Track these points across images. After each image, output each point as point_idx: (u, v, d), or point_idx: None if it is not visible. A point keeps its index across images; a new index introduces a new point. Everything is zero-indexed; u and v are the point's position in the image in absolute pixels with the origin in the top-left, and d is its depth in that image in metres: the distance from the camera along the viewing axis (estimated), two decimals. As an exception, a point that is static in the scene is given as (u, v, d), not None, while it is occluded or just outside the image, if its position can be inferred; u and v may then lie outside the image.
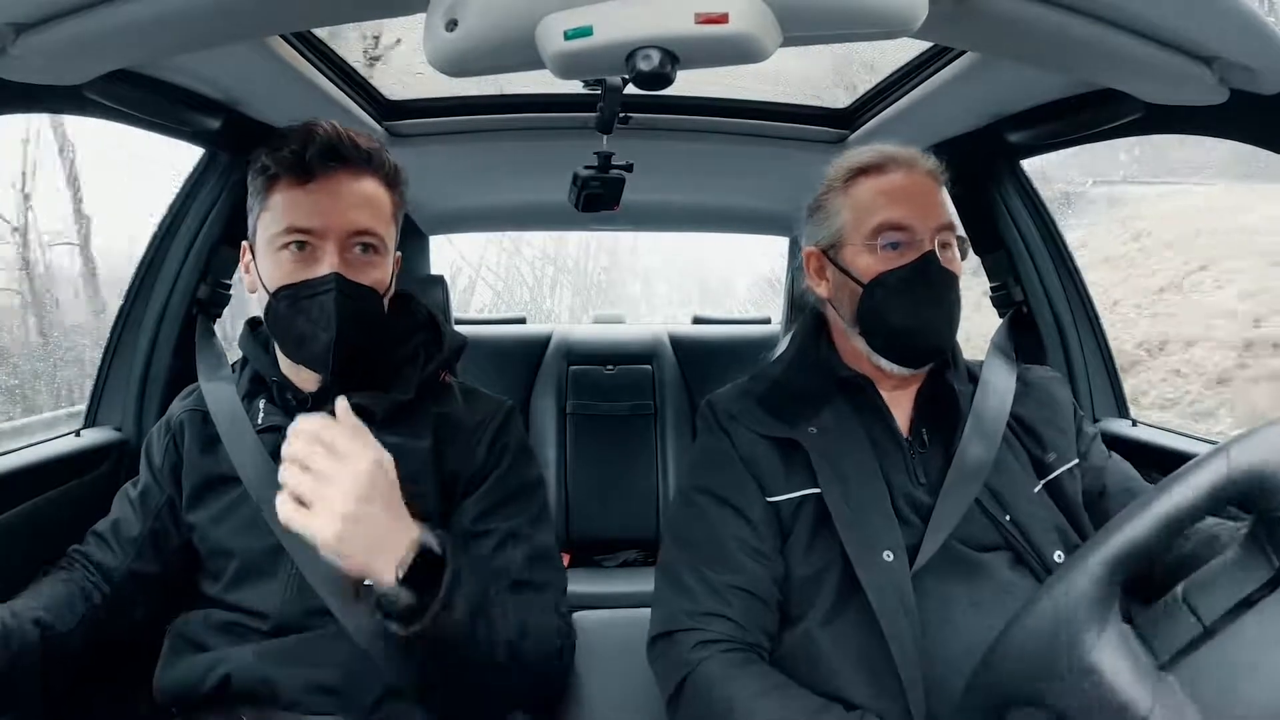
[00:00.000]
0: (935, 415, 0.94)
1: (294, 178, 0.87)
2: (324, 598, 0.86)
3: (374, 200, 0.90)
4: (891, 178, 0.92)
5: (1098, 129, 1.04)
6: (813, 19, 0.57)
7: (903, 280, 0.89)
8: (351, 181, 0.89)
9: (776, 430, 0.92)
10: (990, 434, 0.91)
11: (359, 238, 0.89)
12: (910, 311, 0.89)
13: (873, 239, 0.90)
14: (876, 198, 0.92)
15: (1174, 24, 0.69)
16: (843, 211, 0.94)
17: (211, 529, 0.94)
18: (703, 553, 0.90)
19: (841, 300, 0.95)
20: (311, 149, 0.86)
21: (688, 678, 0.84)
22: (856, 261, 0.92)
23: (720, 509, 0.91)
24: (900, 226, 0.90)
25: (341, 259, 0.87)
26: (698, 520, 0.92)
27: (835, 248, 0.95)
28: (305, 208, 0.87)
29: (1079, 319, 1.42)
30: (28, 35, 0.68)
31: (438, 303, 1.33)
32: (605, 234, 6.72)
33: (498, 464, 0.95)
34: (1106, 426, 1.39)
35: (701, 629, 0.86)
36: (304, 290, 0.87)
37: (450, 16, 0.57)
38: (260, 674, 0.86)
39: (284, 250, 0.88)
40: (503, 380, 2.07)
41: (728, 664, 0.83)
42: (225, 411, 0.96)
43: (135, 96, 0.94)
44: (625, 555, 2.02)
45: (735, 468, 0.92)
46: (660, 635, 0.90)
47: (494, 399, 1.02)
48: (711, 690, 0.82)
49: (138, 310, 1.32)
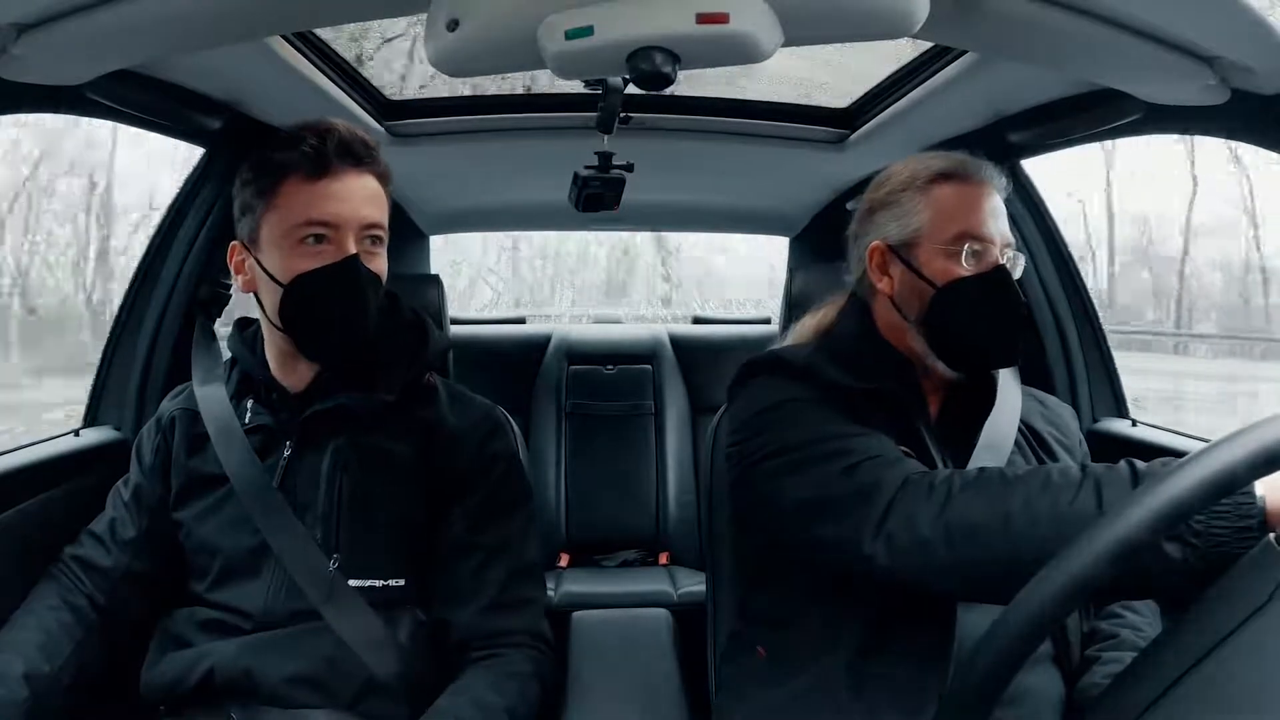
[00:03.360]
0: (962, 407, 0.95)
1: (308, 174, 0.89)
2: (309, 596, 0.87)
3: (377, 196, 0.94)
4: (976, 189, 0.93)
5: (1098, 129, 1.05)
6: (813, 19, 0.57)
7: (979, 289, 0.90)
8: (359, 177, 0.91)
9: (859, 383, 0.88)
10: (1003, 436, 0.92)
11: (370, 230, 0.92)
12: (984, 320, 0.90)
13: (956, 245, 0.91)
14: (961, 205, 0.92)
15: (1174, 24, 0.69)
16: (923, 212, 0.93)
17: (197, 527, 0.94)
18: (837, 432, 0.82)
19: (908, 299, 0.94)
20: (329, 145, 0.89)
21: (943, 506, 0.72)
22: (932, 263, 0.92)
23: (823, 409, 0.86)
24: (984, 239, 0.91)
25: (359, 249, 0.90)
26: (807, 419, 0.86)
27: (909, 246, 0.94)
28: (324, 200, 0.89)
29: (1079, 320, 1.42)
30: (29, 35, 0.69)
31: (433, 302, 1.32)
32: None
33: (484, 475, 0.95)
34: (1106, 426, 1.39)
35: (893, 467, 0.78)
36: (328, 273, 0.89)
37: (451, 16, 0.57)
38: (243, 667, 0.87)
39: (302, 243, 0.89)
40: (503, 380, 2.07)
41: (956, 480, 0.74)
42: (216, 412, 0.96)
43: (136, 96, 0.94)
44: (625, 555, 2.02)
45: (826, 410, 0.87)
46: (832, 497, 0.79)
47: (483, 405, 1.02)
48: (973, 502, 0.71)
49: (137, 310, 1.32)
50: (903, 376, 0.93)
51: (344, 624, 0.87)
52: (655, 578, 1.88)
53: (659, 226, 2.51)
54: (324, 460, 0.92)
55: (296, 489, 0.92)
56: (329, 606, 0.87)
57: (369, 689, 0.87)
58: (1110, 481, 0.67)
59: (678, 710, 1.15)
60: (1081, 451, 1.00)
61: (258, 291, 0.94)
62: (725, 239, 4.37)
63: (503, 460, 0.97)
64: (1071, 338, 1.42)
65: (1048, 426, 0.98)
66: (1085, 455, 1.00)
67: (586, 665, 1.29)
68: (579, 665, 1.27)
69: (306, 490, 0.92)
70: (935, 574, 0.73)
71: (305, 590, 0.87)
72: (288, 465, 0.93)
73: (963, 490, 0.73)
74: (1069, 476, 0.69)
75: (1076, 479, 0.68)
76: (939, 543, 0.71)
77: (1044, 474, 0.70)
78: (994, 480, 0.72)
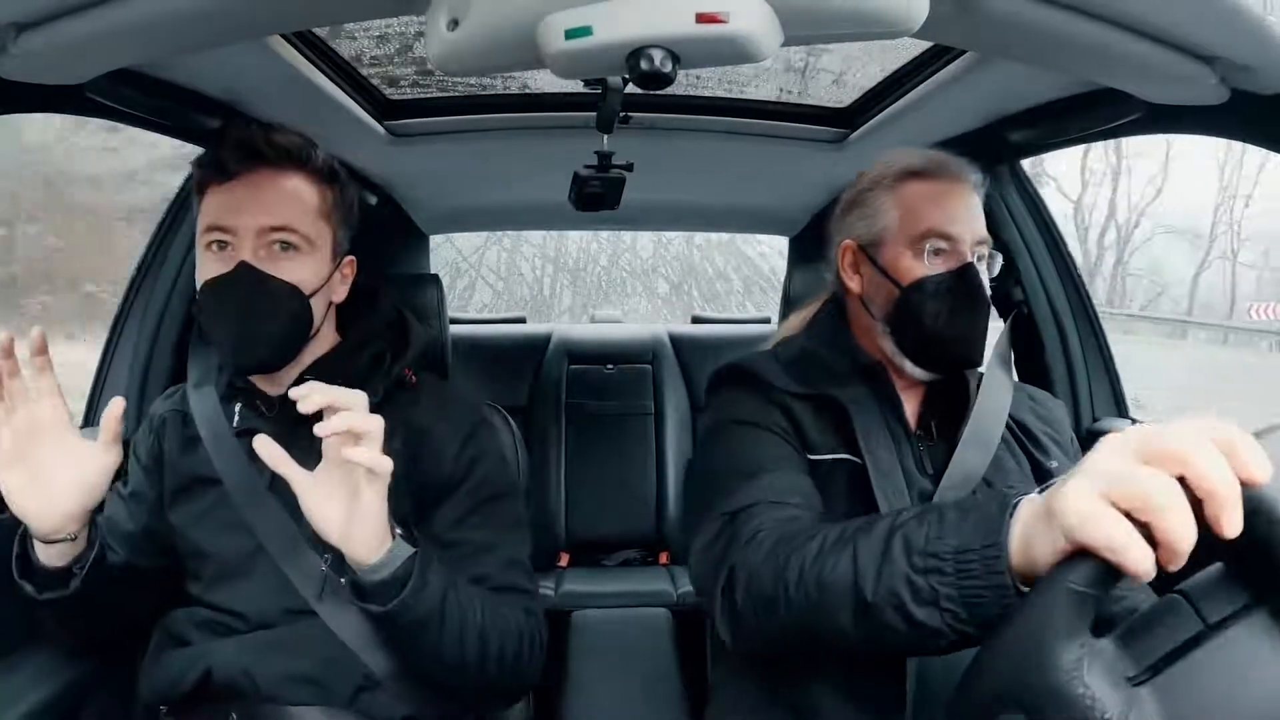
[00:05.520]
0: (943, 410, 0.95)
1: (216, 179, 0.89)
2: (303, 594, 0.87)
3: (297, 196, 0.90)
4: (943, 185, 0.92)
5: (1098, 129, 1.05)
6: (813, 19, 0.57)
7: (942, 287, 0.89)
8: (271, 178, 0.89)
9: (811, 389, 0.90)
10: (988, 432, 0.91)
11: (275, 234, 0.89)
12: (946, 318, 0.89)
13: (919, 243, 0.90)
14: (927, 203, 0.91)
15: (1174, 24, 0.69)
16: (890, 211, 0.93)
17: (190, 530, 0.94)
18: (747, 466, 0.84)
19: (874, 298, 0.95)
20: (226, 149, 0.88)
21: (738, 563, 0.75)
22: (898, 263, 0.92)
23: (761, 432, 0.88)
24: (948, 236, 0.90)
25: (255, 255, 0.88)
26: (735, 444, 0.88)
27: (876, 245, 0.94)
28: (223, 206, 0.88)
29: (1079, 319, 1.42)
30: (28, 34, 0.69)
31: (432, 302, 1.32)
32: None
33: (468, 474, 0.95)
34: (1106, 426, 1.39)
35: (756, 517, 0.78)
36: (217, 283, 0.87)
37: (452, 16, 0.57)
38: (241, 666, 0.87)
39: (207, 250, 0.89)
40: (503, 380, 2.07)
41: (788, 532, 0.74)
42: (207, 415, 0.96)
43: (135, 96, 0.94)
44: (625, 554, 2.03)
45: (772, 411, 0.90)
46: (706, 543, 0.82)
47: (466, 405, 1.01)
48: (773, 559, 0.72)
49: (136, 310, 1.32)
50: (871, 378, 0.93)
51: (338, 622, 0.87)
52: (655, 577, 1.89)
53: (658, 226, 2.51)
54: (311, 461, 0.92)
55: (286, 490, 0.92)
56: (323, 605, 0.87)
57: (365, 686, 0.87)
58: (866, 545, 0.64)
59: (677, 709, 1.15)
60: (1074, 448, 1.00)
61: None
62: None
63: (485, 458, 0.97)
64: (1071, 337, 1.42)
65: (1038, 422, 0.98)
66: (1077, 451, 1.00)
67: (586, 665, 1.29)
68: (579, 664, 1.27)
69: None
70: (748, 638, 0.75)
71: (299, 588, 0.88)
72: None
73: (780, 557, 0.71)
74: (841, 538, 0.67)
75: (849, 540, 0.66)
76: (747, 613, 0.73)
77: (845, 535, 0.68)
78: (830, 539, 0.69)
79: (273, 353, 0.90)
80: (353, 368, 0.95)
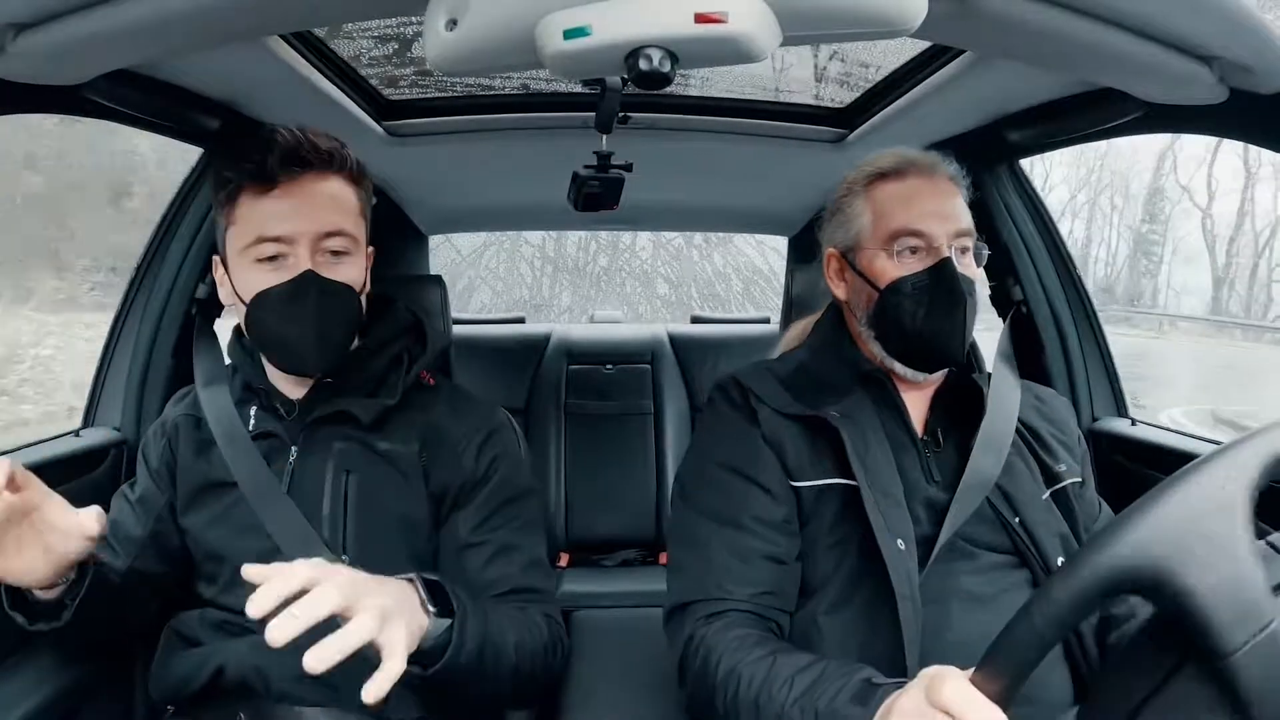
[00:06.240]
0: (951, 415, 0.94)
1: (258, 186, 0.87)
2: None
3: (340, 199, 0.90)
4: (911, 183, 0.92)
5: (1098, 129, 1.05)
6: (812, 19, 0.57)
7: (918, 286, 0.89)
8: (316, 183, 0.88)
9: (803, 410, 0.91)
10: (1001, 436, 0.91)
11: (330, 239, 0.89)
12: (923, 318, 0.89)
13: (890, 244, 0.90)
14: (895, 203, 0.91)
15: (1174, 24, 0.69)
16: (862, 215, 0.94)
17: (206, 533, 0.94)
18: (726, 521, 0.88)
19: (858, 304, 0.95)
20: (272, 156, 0.86)
21: (695, 647, 0.82)
22: (873, 266, 0.92)
23: (744, 484, 0.89)
24: (917, 233, 0.90)
25: (314, 261, 0.87)
26: (719, 492, 0.90)
27: (853, 250, 0.94)
28: (272, 215, 0.87)
29: (1078, 318, 1.42)
30: (27, 35, 0.68)
31: (435, 303, 1.32)
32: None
33: (488, 476, 0.95)
34: (1106, 426, 1.39)
35: (720, 598, 0.84)
36: (280, 292, 0.87)
37: (450, 16, 0.57)
38: (253, 665, 0.87)
39: (257, 261, 0.88)
40: (502, 380, 2.07)
41: (739, 635, 0.81)
42: (221, 417, 0.96)
43: (135, 96, 0.94)
44: (625, 555, 2.02)
45: (758, 444, 0.90)
46: (677, 606, 0.88)
47: (484, 407, 1.02)
48: (720, 659, 0.79)
49: (136, 309, 1.32)
50: (874, 385, 0.93)
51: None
52: (655, 577, 1.87)
53: (658, 226, 2.51)
54: (328, 464, 0.93)
55: (303, 493, 0.92)
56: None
57: None
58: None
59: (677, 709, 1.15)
60: (1081, 449, 1.00)
61: (236, 305, 0.93)
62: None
63: (503, 461, 0.97)
64: (1071, 337, 1.42)
65: (1045, 423, 0.98)
66: (1084, 452, 1.00)
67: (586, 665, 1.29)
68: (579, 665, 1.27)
69: (312, 493, 0.92)
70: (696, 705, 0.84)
71: None
72: (294, 470, 0.93)
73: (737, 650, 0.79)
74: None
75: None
76: (697, 694, 0.82)
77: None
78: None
79: (338, 354, 0.91)
80: (373, 369, 0.95)
